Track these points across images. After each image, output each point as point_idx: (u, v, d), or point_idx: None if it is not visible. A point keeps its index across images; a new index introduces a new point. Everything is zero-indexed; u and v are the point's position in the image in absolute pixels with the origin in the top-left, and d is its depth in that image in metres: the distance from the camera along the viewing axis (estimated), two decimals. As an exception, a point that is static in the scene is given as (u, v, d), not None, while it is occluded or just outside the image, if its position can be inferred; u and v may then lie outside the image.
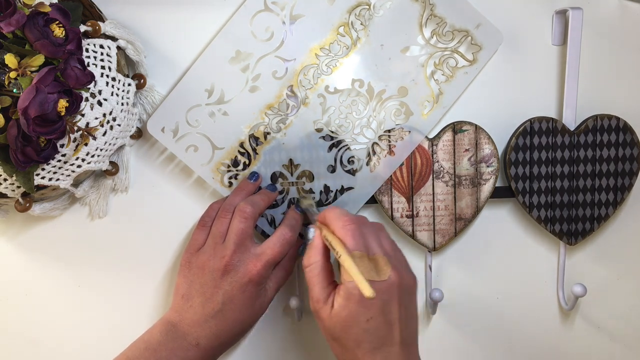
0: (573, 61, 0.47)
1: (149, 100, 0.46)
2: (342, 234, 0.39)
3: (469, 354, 0.52)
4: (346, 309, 0.37)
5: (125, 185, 0.47)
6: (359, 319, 0.37)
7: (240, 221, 0.43)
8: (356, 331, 0.38)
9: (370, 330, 0.37)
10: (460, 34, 0.47)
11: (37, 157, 0.37)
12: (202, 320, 0.42)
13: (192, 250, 0.44)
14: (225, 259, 0.42)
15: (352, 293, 0.37)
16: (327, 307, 0.38)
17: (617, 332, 0.53)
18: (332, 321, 0.38)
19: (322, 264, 0.40)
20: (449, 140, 0.47)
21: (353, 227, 0.39)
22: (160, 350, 0.41)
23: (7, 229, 0.48)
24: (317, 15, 0.46)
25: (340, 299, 0.38)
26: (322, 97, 0.47)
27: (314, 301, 0.39)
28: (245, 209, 0.43)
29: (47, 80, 0.34)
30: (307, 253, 0.41)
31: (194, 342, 0.41)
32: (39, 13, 0.35)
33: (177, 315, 0.42)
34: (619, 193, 0.48)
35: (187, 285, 0.43)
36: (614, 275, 0.52)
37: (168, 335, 0.41)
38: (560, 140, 0.48)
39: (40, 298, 0.49)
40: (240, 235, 0.42)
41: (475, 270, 0.51)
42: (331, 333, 0.39)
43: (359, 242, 0.38)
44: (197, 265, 0.43)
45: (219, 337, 0.42)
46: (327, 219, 0.41)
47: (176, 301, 0.43)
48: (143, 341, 0.42)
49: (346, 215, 0.40)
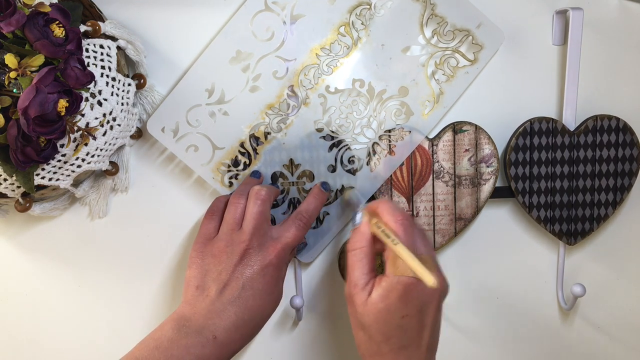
0: (573, 61, 0.47)
1: (149, 100, 0.46)
2: (395, 226, 0.38)
3: (468, 354, 0.52)
4: (385, 301, 0.37)
5: (125, 185, 0.47)
6: (396, 314, 0.37)
7: (257, 204, 0.42)
8: (389, 326, 0.37)
9: (403, 328, 0.37)
10: (461, 34, 0.47)
11: (37, 157, 0.37)
12: (220, 309, 0.39)
13: (204, 240, 0.42)
14: (245, 243, 0.41)
15: (396, 287, 0.36)
16: (364, 294, 0.37)
17: (616, 332, 0.53)
18: (366, 309, 0.37)
19: (367, 250, 0.39)
20: (449, 140, 0.47)
21: (406, 224, 0.38)
22: (172, 348, 0.37)
23: (7, 229, 0.47)
24: (318, 15, 0.46)
25: (381, 289, 0.37)
26: (323, 97, 0.46)
27: (351, 285, 0.38)
28: (260, 191, 0.43)
29: (47, 80, 0.34)
30: (353, 237, 0.40)
31: (210, 336, 0.38)
32: (39, 13, 0.35)
33: (190, 307, 0.40)
34: (619, 193, 0.49)
35: (202, 276, 0.41)
36: (613, 276, 0.52)
37: (181, 331, 0.38)
38: (560, 140, 0.48)
39: (40, 298, 0.49)
40: (258, 218, 0.41)
41: (474, 270, 0.51)
42: (361, 321, 0.38)
43: (409, 239, 0.38)
44: (212, 253, 0.41)
45: (238, 328, 0.39)
46: (379, 210, 0.40)
47: (189, 293, 0.40)
48: (153, 339, 0.38)
49: (399, 210, 0.39)
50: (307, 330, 0.51)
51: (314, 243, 0.48)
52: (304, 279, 0.50)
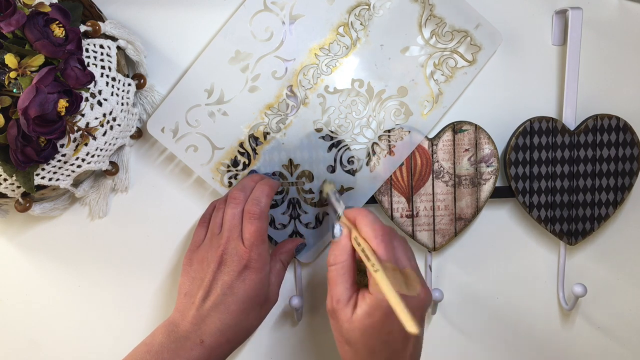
0: (573, 61, 0.47)
1: (149, 100, 0.46)
2: (375, 243, 0.37)
3: (469, 354, 0.52)
4: (370, 318, 0.36)
5: (125, 185, 0.47)
6: (382, 330, 0.36)
7: (230, 206, 0.42)
8: (375, 341, 0.37)
9: (389, 342, 0.37)
10: (459, 34, 0.47)
11: (37, 157, 0.37)
12: (204, 315, 0.40)
13: (193, 247, 0.44)
14: (221, 248, 0.41)
15: (380, 306, 0.36)
16: (348, 310, 0.37)
17: (618, 332, 0.53)
18: (351, 325, 0.37)
19: (348, 264, 0.39)
20: (449, 140, 0.47)
21: (387, 239, 0.38)
22: (163, 352, 0.39)
23: (7, 229, 0.48)
24: (317, 15, 0.46)
25: (366, 306, 0.37)
26: (322, 97, 0.47)
27: (334, 301, 0.38)
28: (234, 194, 0.43)
29: (47, 80, 0.34)
30: (332, 251, 0.39)
31: (197, 340, 0.40)
32: (39, 13, 0.35)
33: (179, 314, 0.41)
34: (619, 193, 0.48)
35: (189, 283, 0.42)
36: (614, 275, 0.52)
37: (170, 337, 0.40)
38: (560, 140, 0.48)
39: (41, 298, 0.49)
40: (232, 220, 0.42)
41: (475, 270, 0.51)
42: (347, 337, 0.38)
43: (390, 255, 0.37)
44: (198, 260, 0.42)
45: (223, 332, 0.40)
46: (358, 222, 0.39)
47: (179, 301, 0.42)
48: (145, 345, 0.40)
49: (379, 223, 0.39)
50: (307, 331, 0.51)
51: (314, 243, 0.48)
52: (304, 279, 0.50)
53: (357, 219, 0.39)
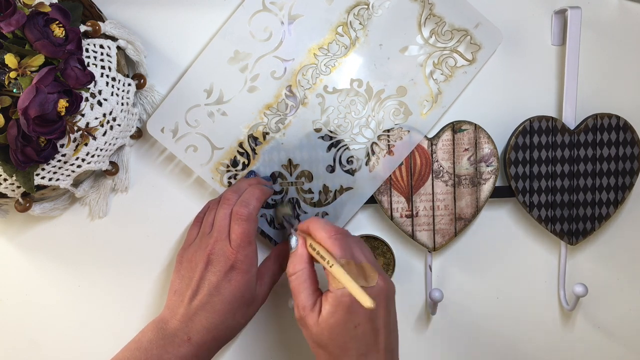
0: (572, 60, 0.47)
1: (149, 100, 0.46)
2: (329, 243, 0.39)
3: (469, 354, 0.52)
4: (334, 316, 0.37)
5: (125, 185, 0.47)
6: (348, 325, 0.37)
7: (222, 207, 0.43)
8: (344, 338, 0.38)
9: (358, 337, 0.38)
10: (459, 34, 0.47)
11: (37, 157, 0.37)
12: (192, 313, 0.41)
13: (185, 246, 0.44)
14: (209, 248, 0.41)
15: (341, 300, 0.37)
16: (314, 314, 0.38)
17: (619, 331, 0.52)
18: (319, 328, 0.38)
19: (308, 271, 0.40)
20: (449, 139, 0.47)
21: (340, 237, 0.39)
22: (152, 348, 0.40)
23: (7, 229, 0.48)
24: (316, 15, 0.46)
25: (328, 306, 0.38)
26: (321, 97, 0.47)
27: (300, 308, 0.39)
28: (227, 195, 0.43)
29: (47, 80, 0.34)
30: (291, 262, 0.41)
31: (185, 337, 0.40)
32: (39, 13, 0.35)
33: (169, 312, 0.42)
34: (620, 192, 0.48)
35: (179, 281, 0.43)
36: (615, 275, 0.52)
37: (159, 333, 0.41)
38: (560, 139, 0.47)
39: (40, 298, 0.49)
40: (221, 222, 0.42)
41: (475, 270, 0.51)
42: (318, 340, 0.39)
43: (345, 251, 0.39)
44: (188, 259, 0.43)
45: (210, 330, 0.41)
46: (311, 229, 0.41)
47: (169, 298, 0.43)
48: (134, 342, 0.41)
49: (331, 225, 0.40)
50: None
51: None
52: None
53: (309, 226, 0.41)
